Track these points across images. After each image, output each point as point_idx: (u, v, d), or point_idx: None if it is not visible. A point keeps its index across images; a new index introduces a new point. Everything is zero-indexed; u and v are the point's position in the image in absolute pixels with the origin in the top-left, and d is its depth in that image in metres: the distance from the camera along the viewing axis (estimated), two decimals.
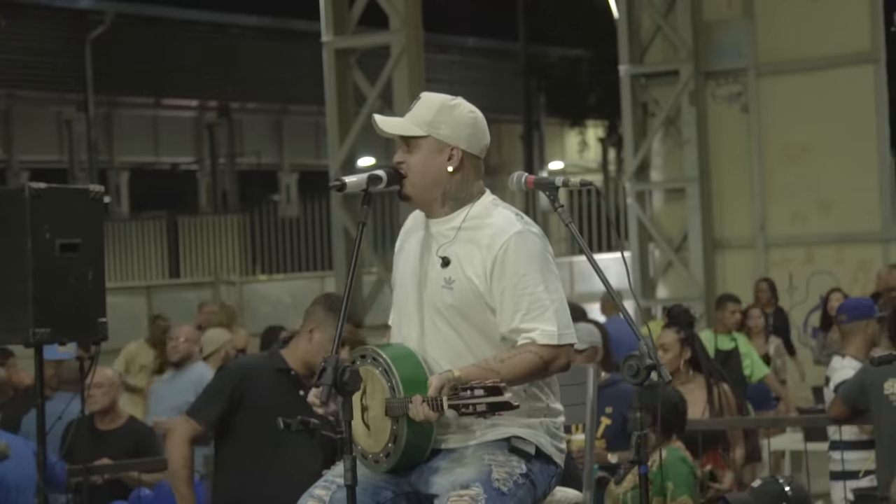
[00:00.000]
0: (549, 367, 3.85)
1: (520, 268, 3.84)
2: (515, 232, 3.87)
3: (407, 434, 3.80)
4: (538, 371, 3.85)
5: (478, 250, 3.88)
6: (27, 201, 5.25)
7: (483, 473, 3.80)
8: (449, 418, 3.81)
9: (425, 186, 3.95)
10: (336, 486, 3.83)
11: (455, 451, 3.90)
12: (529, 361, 3.82)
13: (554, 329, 3.82)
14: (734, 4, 15.47)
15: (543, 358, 3.83)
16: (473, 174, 4.00)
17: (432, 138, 3.95)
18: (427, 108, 3.97)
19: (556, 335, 3.82)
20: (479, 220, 3.92)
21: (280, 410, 5.17)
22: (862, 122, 14.82)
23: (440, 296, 3.91)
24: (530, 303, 3.83)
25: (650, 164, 16.09)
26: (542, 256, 3.89)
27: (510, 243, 3.85)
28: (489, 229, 3.89)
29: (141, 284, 22.37)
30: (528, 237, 3.88)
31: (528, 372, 3.83)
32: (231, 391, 5.32)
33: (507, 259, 3.84)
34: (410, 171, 3.95)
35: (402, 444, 3.81)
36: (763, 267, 15.10)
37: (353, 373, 3.64)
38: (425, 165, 3.95)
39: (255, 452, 5.29)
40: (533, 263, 3.85)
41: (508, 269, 3.84)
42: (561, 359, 3.86)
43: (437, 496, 3.81)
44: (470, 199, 3.98)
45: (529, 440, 3.91)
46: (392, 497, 3.94)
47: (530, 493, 3.89)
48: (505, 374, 3.78)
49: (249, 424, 5.29)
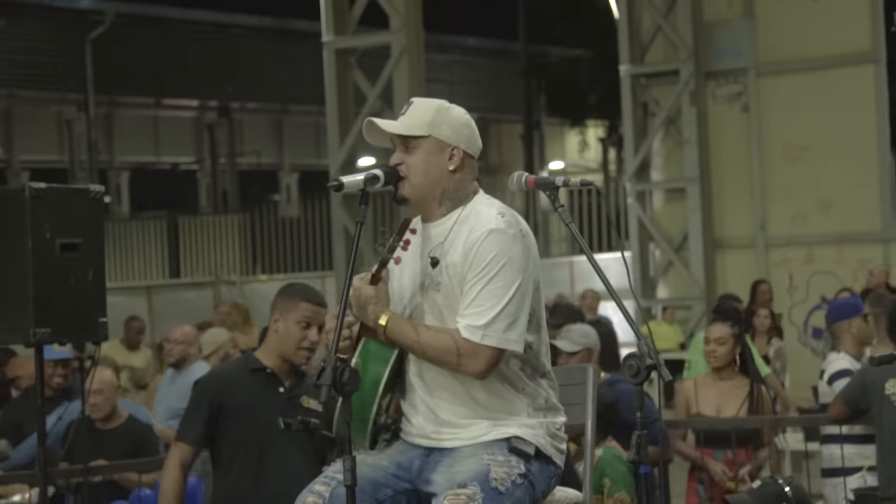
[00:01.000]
0: (461, 361, 3.83)
1: (482, 263, 3.84)
2: (489, 229, 3.86)
3: (364, 347, 3.86)
4: (449, 357, 3.83)
5: (461, 248, 3.90)
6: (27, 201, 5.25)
7: (481, 473, 3.80)
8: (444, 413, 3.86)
9: (426, 186, 3.96)
10: (336, 482, 3.83)
11: (455, 451, 3.90)
12: (445, 343, 3.83)
13: (480, 325, 3.81)
14: (734, 4, 15.48)
15: (459, 348, 3.82)
16: (470, 175, 4.02)
17: (433, 138, 3.96)
18: (424, 111, 3.98)
19: (479, 333, 3.81)
20: (467, 220, 3.94)
21: (260, 411, 5.19)
22: (862, 121, 14.83)
23: (431, 297, 3.93)
24: (475, 297, 3.83)
25: (650, 163, 16.10)
26: (509, 256, 3.86)
27: (481, 238, 3.86)
28: (469, 225, 3.91)
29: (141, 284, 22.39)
30: (499, 235, 3.86)
31: (439, 352, 3.84)
32: (209, 404, 5.31)
33: (474, 253, 3.85)
34: (410, 171, 3.96)
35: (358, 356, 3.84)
36: (763, 267, 15.11)
37: (352, 372, 3.64)
38: (427, 165, 3.95)
39: (242, 458, 5.27)
40: (496, 260, 3.84)
41: (470, 264, 3.86)
42: (478, 358, 3.82)
43: (435, 495, 3.82)
44: (465, 200, 3.99)
45: (529, 440, 3.91)
46: (392, 495, 3.94)
47: (528, 493, 3.89)
48: (422, 341, 3.83)
49: (233, 432, 5.27)
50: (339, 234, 14.03)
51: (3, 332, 5.40)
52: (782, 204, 15.21)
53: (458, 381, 3.90)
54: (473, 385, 3.90)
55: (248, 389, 5.28)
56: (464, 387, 3.91)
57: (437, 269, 3.91)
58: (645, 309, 15.39)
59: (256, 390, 5.27)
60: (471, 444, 3.90)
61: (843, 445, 7.19)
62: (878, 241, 14.90)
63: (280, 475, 5.19)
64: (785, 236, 15.27)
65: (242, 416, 5.24)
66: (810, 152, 15.03)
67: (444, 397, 3.93)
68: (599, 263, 3.99)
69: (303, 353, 5.29)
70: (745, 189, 15.39)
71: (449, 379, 3.91)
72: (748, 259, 15.39)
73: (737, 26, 15.38)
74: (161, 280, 23.77)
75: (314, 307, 5.28)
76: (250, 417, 5.22)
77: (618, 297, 4.00)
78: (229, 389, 5.31)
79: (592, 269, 3.97)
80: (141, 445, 7.26)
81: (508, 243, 3.86)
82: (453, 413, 3.92)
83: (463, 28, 31.34)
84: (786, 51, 15.16)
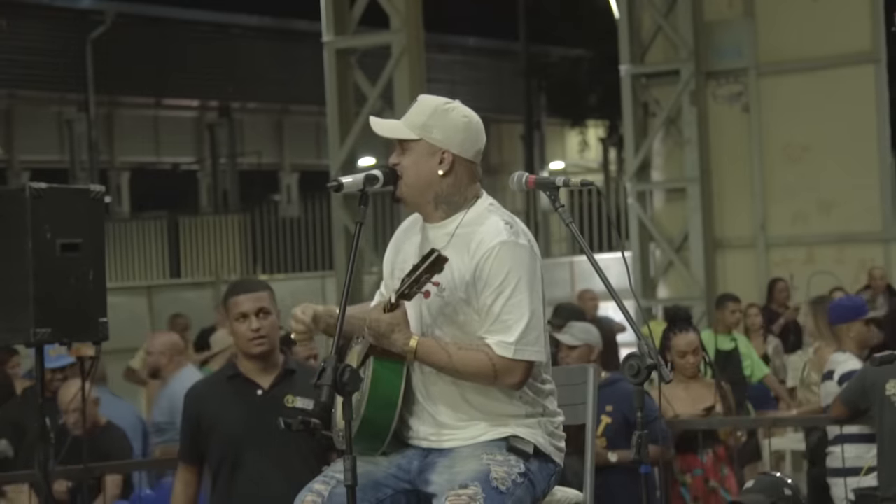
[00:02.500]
0: (498, 377, 3.86)
1: (498, 277, 3.85)
2: (500, 241, 3.87)
3: (374, 369, 3.83)
4: (486, 376, 3.86)
5: (466, 257, 3.89)
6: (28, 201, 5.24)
7: (481, 472, 3.81)
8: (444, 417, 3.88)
9: (418, 189, 3.97)
10: (335, 482, 3.84)
11: (454, 451, 3.91)
12: (481, 362, 3.84)
13: (512, 342, 3.82)
14: (735, 4, 15.47)
15: (495, 366, 3.84)
16: (467, 178, 4.00)
17: (424, 142, 3.96)
18: (420, 112, 3.99)
19: (512, 349, 3.83)
20: (472, 228, 3.93)
21: (231, 419, 5.15)
22: (862, 122, 14.83)
23: (432, 301, 3.93)
24: (498, 313, 3.84)
25: (651, 164, 16.09)
26: (524, 268, 3.88)
27: (493, 252, 3.86)
28: (477, 236, 3.90)
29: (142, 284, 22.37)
30: (512, 248, 3.87)
31: (476, 371, 3.85)
32: (190, 419, 5.30)
33: (488, 267, 3.85)
34: (405, 173, 3.98)
35: (369, 379, 3.82)
36: (764, 267, 15.11)
37: (352, 373, 3.65)
38: (417, 168, 3.96)
39: (218, 469, 5.24)
40: (512, 274, 3.85)
41: (487, 277, 3.85)
42: (515, 373, 3.85)
43: (436, 495, 3.82)
44: (464, 204, 3.98)
45: (528, 439, 3.92)
46: (392, 494, 3.95)
47: (529, 492, 3.89)
48: (455, 362, 3.83)
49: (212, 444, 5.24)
50: (340, 234, 14.02)
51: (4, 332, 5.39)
52: (783, 204, 15.21)
53: (457, 386, 3.92)
54: (472, 390, 3.91)
55: (221, 398, 5.24)
56: (462, 393, 3.92)
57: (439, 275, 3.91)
58: (645, 309, 15.38)
59: (229, 398, 5.22)
60: (469, 444, 3.91)
61: (848, 446, 7.21)
62: (878, 241, 14.90)
63: (251, 483, 5.15)
64: (785, 236, 15.27)
65: (215, 427, 5.21)
66: (810, 152, 15.03)
67: (443, 403, 3.94)
68: (600, 263, 3.99)
69: (254, 344, 5.18)
70: (746, 189, 15.39)
71: (448, 386, 3.93)
72: (748, 259, 15.38)
73: (737, 26, 15.37)
74: (161, 280, 23.75)
75: (241, 297, 5.22)
76: (222, 427, 5.19)
77: (618, 296, 4.00)
78: (204, 401, 5.28)
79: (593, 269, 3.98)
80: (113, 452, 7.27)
81: (521, 255, 3.88)
82: (452, 417, 3.94)
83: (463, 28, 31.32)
84: (786, 51, 15.15)
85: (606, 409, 6.66)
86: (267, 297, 5.23)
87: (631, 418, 6.13)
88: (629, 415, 6.53)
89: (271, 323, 5.21)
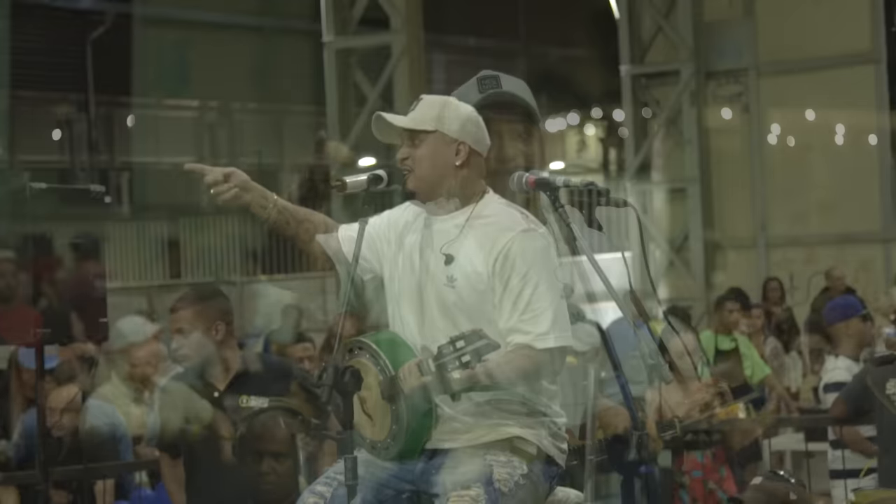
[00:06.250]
0: (540, 370, 3.86)
1: (522, 267, 3.84)
2: (521, 230, 3.87)
3: (407, 410, 3.80)
4: (530, 374, 3.85)
5: (482, 248, 3.87)
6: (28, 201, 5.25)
7: (484, 474, 3.80)
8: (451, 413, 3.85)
9: (432, 180, 3.94)
10: (338, 483, 3.84)
11: (457, 452, 3.90)
12: (522, 366, 3.83)
13: (549, 332, 3.82)
14: (735, 4, 15.47)
15: (536, 361, 3.83)
16: (477, 172, 4.00)
17: (440, 133, 3.95)
18: (432, 106, 3.98)
19: (551, 338, 3.82)
20: (486, 219, 3.92)
21: (187, 424, 5.26)
22: (862, 122, 14.82)
23: (443, 293, 3.90)
24: (528, 302, 3.83)
25: (651, 164, 16.09)
26: (546, 257, 3.88)
27: (514, 241, 3.85)
28: (494, 227, 3.89)
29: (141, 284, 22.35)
30: (532, 236, 3.88)
31: (522, 373, 3.84)
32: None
33: (510, 257, 3.84)
34: (417, 165, 3.95)
35: (404, 423, 3.80)
36: (764, 267, 15.11)
37: (353, 373, 3.64)
38: (433, 158, 3.94)
39: (186, 473, 5.38)
40: (536, 263, 3.85)
41: (510, 268, 3.84)
42: (555, 361, 3.86)
43: (438, 496, 3.82)
44: (473, 197, 3.98)
45: (531, 440, 3.91)
46: (394, 495, 3.94)
47: (531, 493, 3.89)
48: (497, 376, 3.79)
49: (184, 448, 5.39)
50: None
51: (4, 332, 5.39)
52: (782, 204, 15.20)
53: None
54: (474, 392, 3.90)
55: (184, 403, 5.33)
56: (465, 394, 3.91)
57: (451, 267, 3.89)
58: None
59: (191, 403, 5.31)
60: (472, 445, 3.90)
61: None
62: (878, 241, 14.89)
63: (205, 488, 5.23)
64: (785, 236, 15.26)
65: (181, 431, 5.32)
66: (810, 152, 15.03)
67: (446, 404, 3.92)
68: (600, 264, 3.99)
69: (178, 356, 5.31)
70: (746, 189, 15.38)
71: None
72: (748, 259, 15.38)
73: (737, 26, 15.37)
74: (161, 280, 23.73)
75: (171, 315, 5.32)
76: (182, 432, 5.30)
77: (618, 296, 3.99)
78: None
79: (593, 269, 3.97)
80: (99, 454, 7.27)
81: (541, 244, 3.89)
82: (453, 418, 3.92)
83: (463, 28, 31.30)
84: (786, 51, 15.15)
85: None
86: (186, 316, 5.24)
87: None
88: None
89: (189, 342, 5.22)
